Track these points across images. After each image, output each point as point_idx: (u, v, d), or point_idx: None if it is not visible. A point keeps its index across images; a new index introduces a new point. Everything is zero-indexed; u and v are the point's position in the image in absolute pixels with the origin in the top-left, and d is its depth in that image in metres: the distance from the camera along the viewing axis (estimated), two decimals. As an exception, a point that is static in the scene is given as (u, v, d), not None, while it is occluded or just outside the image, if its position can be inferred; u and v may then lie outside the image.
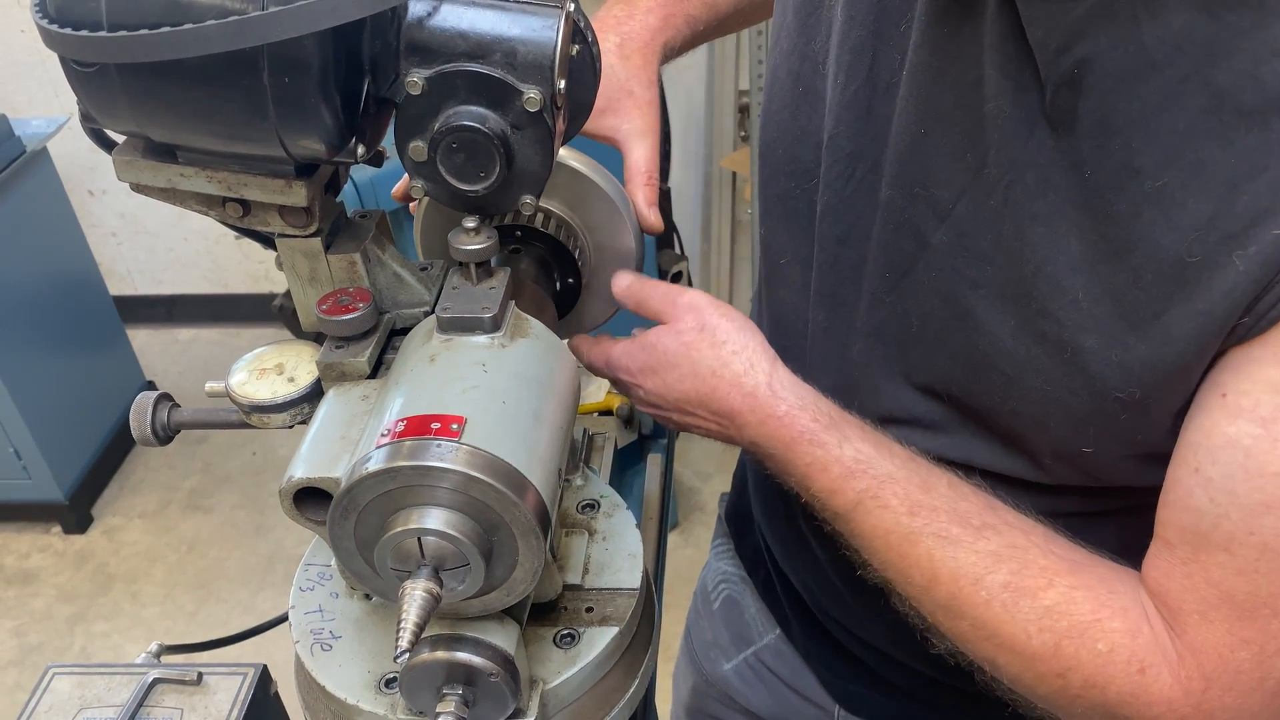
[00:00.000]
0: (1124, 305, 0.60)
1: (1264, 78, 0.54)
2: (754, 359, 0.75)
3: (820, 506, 0.75)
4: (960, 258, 0.69)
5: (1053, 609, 0.65)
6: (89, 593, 2.72)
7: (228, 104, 0.56)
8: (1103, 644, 0.63)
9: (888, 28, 0.72)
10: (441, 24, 0.60)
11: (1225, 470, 0.58)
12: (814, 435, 0.73)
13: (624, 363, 0.80)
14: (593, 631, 0.69)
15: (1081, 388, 0.64)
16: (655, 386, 0.78)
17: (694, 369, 0.76)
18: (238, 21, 0.51)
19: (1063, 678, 0.65)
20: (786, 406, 0.74)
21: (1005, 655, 0.67)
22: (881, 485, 0.71)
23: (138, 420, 0.69)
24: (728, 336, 0.76)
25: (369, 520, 0.57)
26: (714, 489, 2.79)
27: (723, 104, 2.94)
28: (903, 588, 0.72)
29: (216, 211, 0.65)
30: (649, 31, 0.90)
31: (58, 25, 0.53)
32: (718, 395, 0.75)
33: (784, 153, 0.84)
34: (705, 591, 1.19)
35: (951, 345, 0.71)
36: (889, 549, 0.71)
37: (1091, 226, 0.61)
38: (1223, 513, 0.58)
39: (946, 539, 0.68)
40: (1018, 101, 0.63)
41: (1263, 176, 0.54)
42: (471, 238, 0.66)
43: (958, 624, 0.69)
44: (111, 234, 3.49)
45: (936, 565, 0.68)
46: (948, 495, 0.70)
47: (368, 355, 0.67)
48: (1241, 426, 0.57)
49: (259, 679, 0.84)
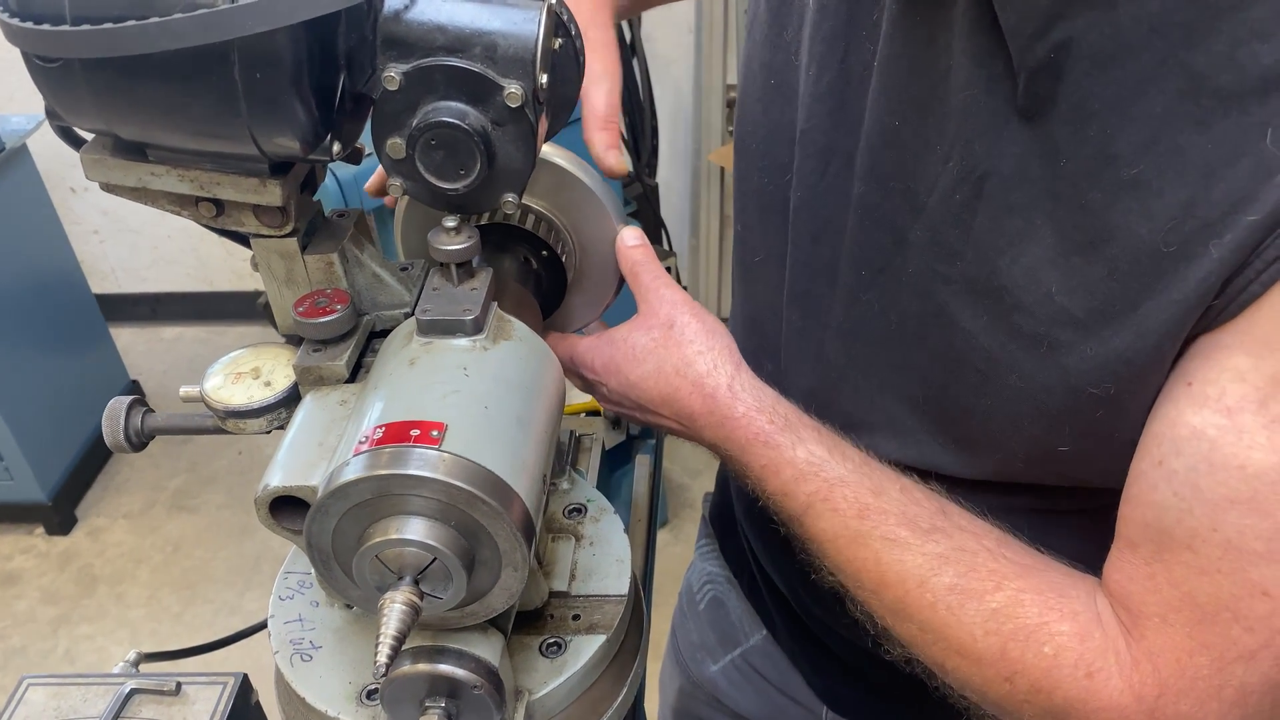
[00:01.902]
0: (1098, 298, 0.59)
1: (1242, 60, 0.52)
2: (718, 360, 0.76)
3: (775, 509, 0.75)
4: (933, 253, 0.68)
5: (999, 611, 0.64)
6: (73, 595, 2.69)
7: (197, 101, 0.54)
8: (1049, 647, 0.62)
9: (860, 17, 0.71)
10: (419, 17, 0.59)
11: (1189, 463, 0.55)
12: (768, 437, 0.73)
13: (588, 359, 0.79)
14: (580, 640, 0.67)
15: (1057, 384, 0.62)
16: (618, 385, 0.78)
17: (659, 368, 0.76)
18: (207, 15, 0.49)
19: (1010, 681, 0.64)
20: (744, 408, 0.74)
21: (953, 659, 0.66)
22: (832, 488, 0.70)
23: (110, 427, 0.68)
24: (695, 336, 0.76)
25: (347, 530, 0.56)
26: (703, 486, 2.78)
27: (711, 98, 2.93)
28: (854, 591, 0.72)
29: (189, 211, 0.63)
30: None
31: (18, 19, 0.51)
32: (679, 396, 0.75)
33: (758, 147, 0.83)
34: (691, 592, 1.18)
35: (928, 343, 0.70)
36: (838, 552, 0.70)
37: (1066, 217, 0.59)
38: (1186, 508, 0.56)
39: (894, 541, 0.68)
40: (990, 91, 0.62)
41: (1240, 163, 0.53)
42: (452, 237, 0.64)
43: (906, 627, 0.69)
44: (94, 231, 3.45)
45: (884, 568, 0.68)
46: (898, 499, 0.69)
47: (346, 359, 0.65)
48: (1206, 416, 0.55)
49: (239, 688, 0.82)
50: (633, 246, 0.82)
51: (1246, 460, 0.53)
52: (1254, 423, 0.53)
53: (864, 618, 0.73)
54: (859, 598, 0.72)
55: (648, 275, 0.80)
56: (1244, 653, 0.56)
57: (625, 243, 0.82)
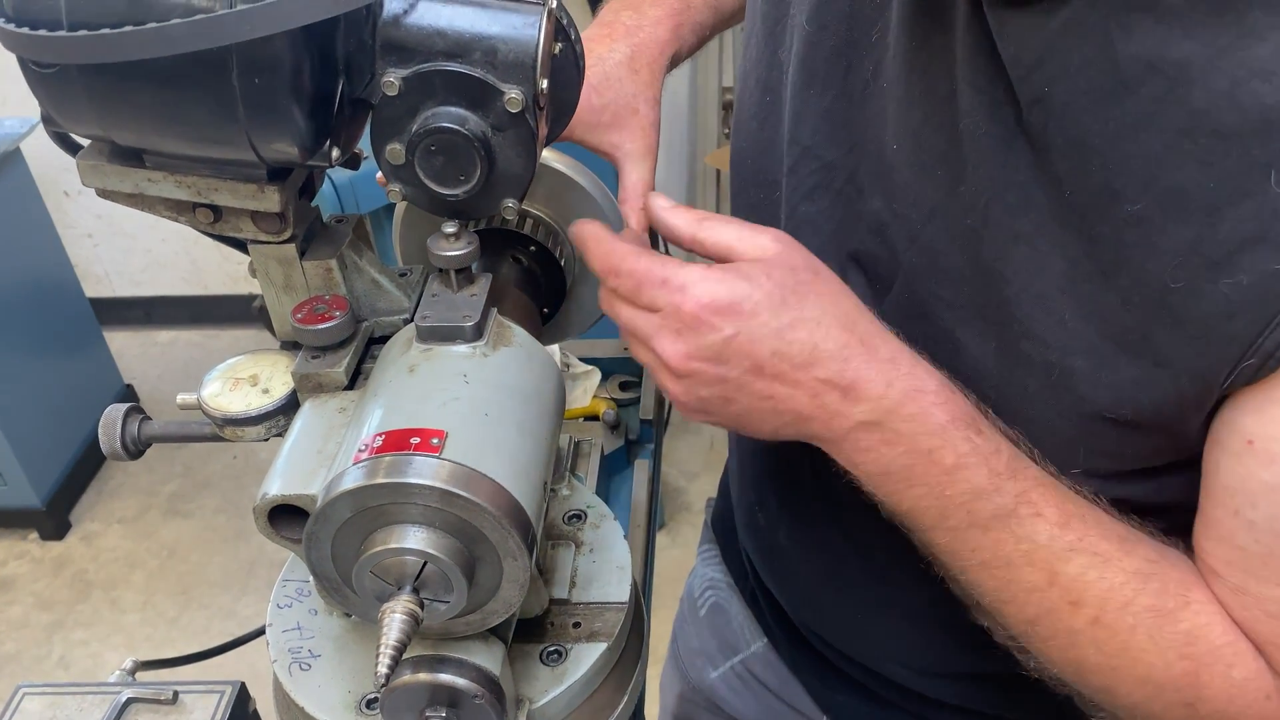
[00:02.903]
0: (1113, 326, 0.58)
1: (1242, 100, 0.52)
2: (878, 322, 0.62)
3: (951, 514, 0.62)
4: (933, 278, 0.67)
5: (1192, 633, 0.61)
6: (67, 600, 2.68)
7: (195, 106, 0.53)
8: (1237, 671, 0.60)
9: (860, 36, 0.70)
10: (419, 22, 0.58)
11: (1269, 513, 0.57)
12: (973, 419, 0.61)
13: (700, 291, 0.59)
14: (580, 648, 0.67)
15: (1070, 409, 0.62)
16: (753, 329, 0.59)
17: (820, 315, 0.59)
18: (205, 20, 0.49)
19: (1191, 706, 0.61)
20: (936, 383, 0.61)
21: (1134, 686, 0.62)
22: (1032, 488, 0.61)
23: (107, 435, 0.67)
24: (844, 289, 0.62)
25: (346, 539, 0.55)
26: (700, 489, 2.77)
27: (707, 101, 2.93)
28: (1017, 609, 0.63)
29: (186, 217, 0.63)
30: (659, 45, 0.86)
31: (14, 24, 0.50)
32: (847, 354, 0.59)
33: (753, 163, 0.82)
34: (692, 597, 1.17)
35: (933, 366, 0.69)
36: (1031, 566, 0.61)
37: (1076, 246, 0.59)
38: (1270, 552, 0.58)
39: (1100, 556, 0.61)
40: (994, 117, 0.61)
41: (1245, 202, 0.52)
42: (451, 243, 0.64)
43: (1084, 653, 0.63)
44: (88, 235, 3.44)
45: (1085, 586, 0.61)
46: (1089, 502, 0.63)
47: (345, 365, 0.64)
48: (1277, 472, 0.56)
49: (236, 696, 0.82)
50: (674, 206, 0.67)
51: None
52: None
53: (1006, 640, 0.67)
54: (1015, 616, 0.64)
55: (733, 223, 0.63)
56: None
57: (660, 204, 0.67)
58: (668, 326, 0.60)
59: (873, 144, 0.70)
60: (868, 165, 0.70)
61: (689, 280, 0.59)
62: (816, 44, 0.73)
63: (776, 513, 0.90)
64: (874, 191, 0.70)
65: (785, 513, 0.91)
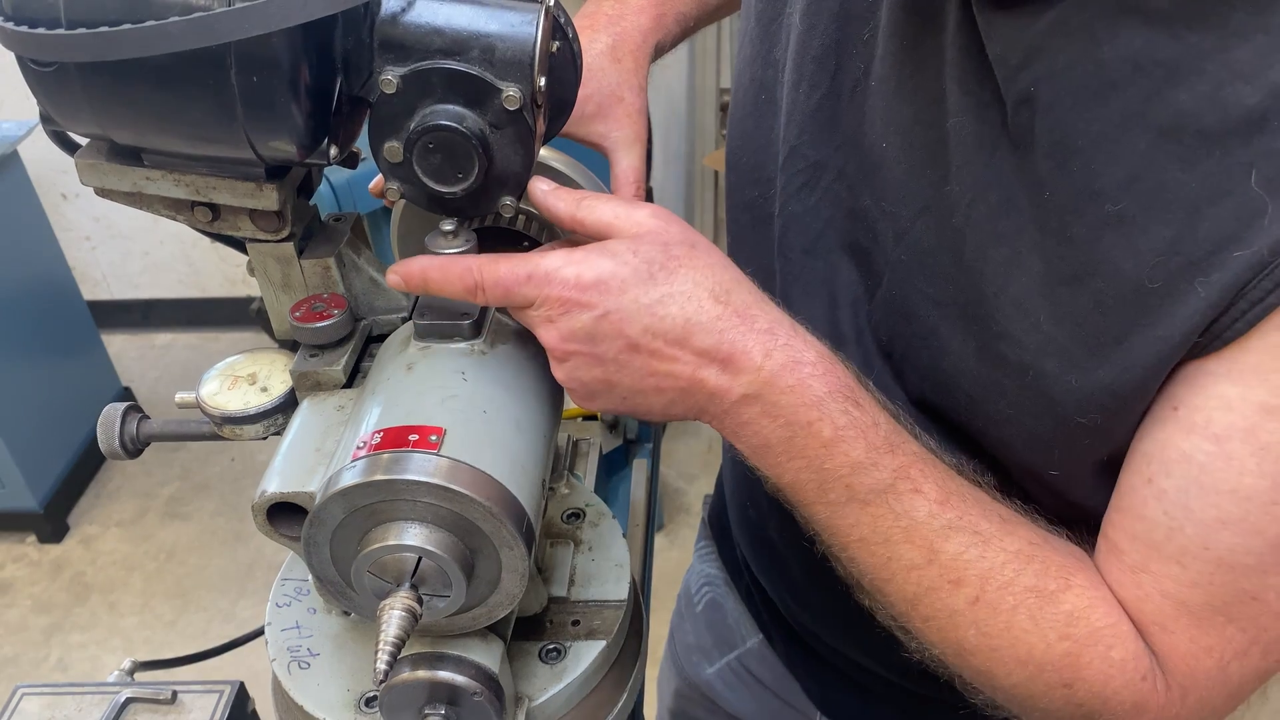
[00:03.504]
0: (1085, 329, 0.58)
1: (1225, 101, 0.52)
2: (760, 294, 0.61)
3: (830, 488, 0.61)
4: (920, 276, 0.67)
5: (1073, 614, 0.60)
6: (65, 603, 2.67)
7: (193, 105, 0.53)
8: (1116, 651, 0.60)
9: (850, 36, 0.70)
10: (416, 20, 0.58)
11: (1179, 484, 0.57)
12: (852, 392, 0.60)
13: (569, 273, 0.58)
14: (579, 645, 0.67)
15: (1044, 412, 0.62)
16: (620, 308, 0.58)
17: (692, 288, 0.58)
18: (203, 18, 0.49)
19: (1069, 687, 0.61)
20: (815, 355, 0.60)
21: (1012, 667, 0.62)
22: (912, 464, 0.61)
23: (105, 433, 0.67)
24: (724, 260, 0.61)
25: (345, 536, 0.55)
26: (699, 490, 2.77)
27: (704, 102, 2.93)
28: (897, 588, 0.63)
29: (185, 216, 0.63)
30: (641, 33, 0.87)
31: (13, 23, 0.50)
32: (721, 327, 0.58)
33: (748, 160, 0.83)
34: (689, 594, 1.17)
35: (918, 363, 0.69)
36: (910, 543, 0.61)
37: (1053, 249, 0.59)
38: (1176, 526, 0.57)
39: (980, 535, 0.60)
40: (981, 118, 0.62)
41: (1225, 201, 0.53)
42: (449, 241, 0.64)
43: (963, 634, 0.62)
44: (85, 238, 3.44)
45: (965, 565, 0.60)
46: (969, 483, 0.63)
47: (343, 364, 0.64)
48: (1195, 442, 0.56)
49: (235, 696, 0.82)
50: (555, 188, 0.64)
51: (1237, 485, 0.55)
52: (1243, 450, 0.54)
53: (888, 620, 0.66)
54: (898, 596, 0.64)
55: (612, 201, 0.62)
56: (1238, 651, 0.59)
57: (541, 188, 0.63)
58: (541, 315, 0.59)
59: (862, 142, 0.70)
60: (857, 163, 0.71)
61: (551, 267, 0.58)
62: (806, 43, 0.73)
63: (767, 510, 0.91)
64: (863, 189, 0.71)
65: (775, 510, 0.91)
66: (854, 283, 0.74)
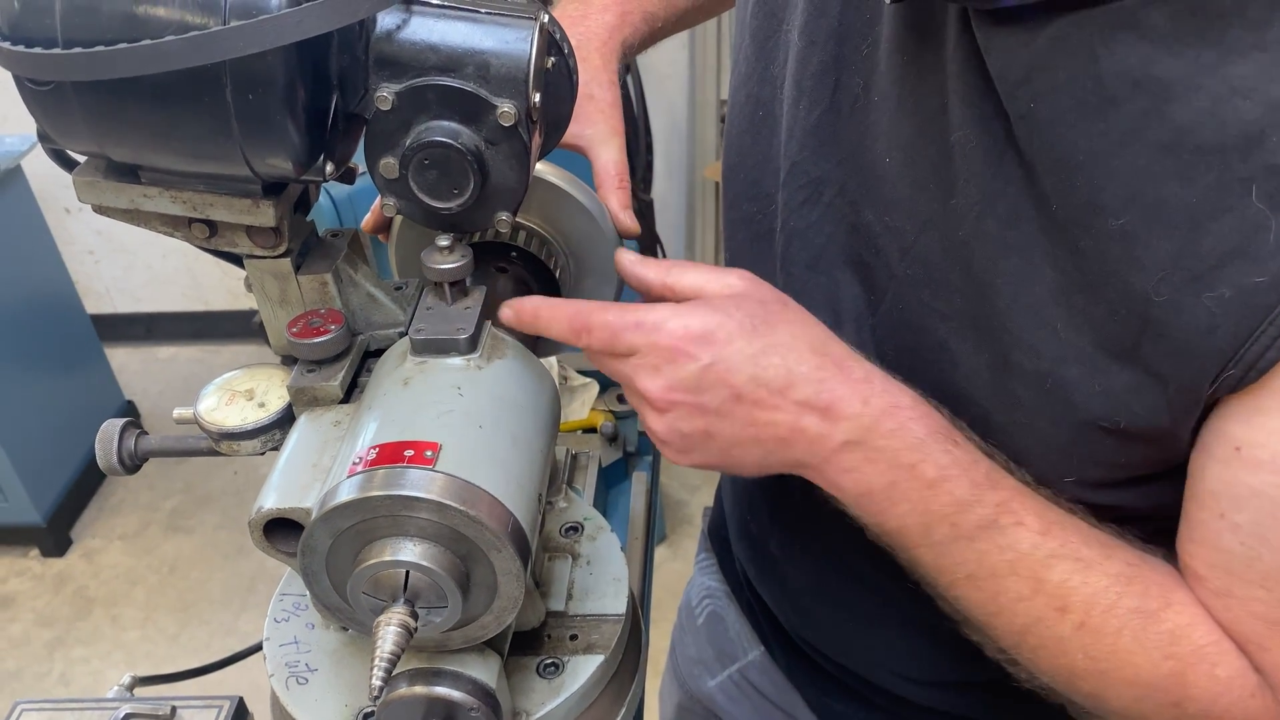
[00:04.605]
0: (1104, 335, 0.59)
1: (1224, 116, 0.52)
2: (848, 346, 0.63)
3: (935, 528, 0.62)
4: (927, 289, 0.67)
5: (1175, 633, 0.61)
6: (68, 617, 2.67)
7: (190, 123, 0.54)
8: (1222, 669, 0.61)
9: (849, 52, 0.71)
10: (411, 37, 0.59)
11: (1253, 518, 0.57)
12: (950, 431, 0.61)
13: (674, 325, 0.60)
14: (577, 660, 0.67)
15: (1063, 417, 0.62)
16: (728, 357, 0.59)
17: (792, 341, 0.61)
18: (198, 37, 0.49)
19: (1178, 706, 0.62)
20: (910, 399, 0.62)
21: (1122, 689, 0.62)
22: (1013, 497, 0.62)
23: (103, 449, 0.67)
24: (812, 316, 0.64)
25: (341, 552, 0.55)
26: (701, 501, 2.77)
27: (705, 114, 2.93)
28: (1006, 620, 0.64)
29: (182, 232, 0.63)
30: (606, 30, 0.87)
31: (10, 42, 0.51)
32: (822, 376, 0.60)
33: (746, 176, 0.83)
34: (690, 606, 1.17)
35: (926, 377, 0.68)
36: (1016, 575, 0.61)
37: (1064, 259, 0.59)
38: (1255, 555, 0.58)
39: (1082, 561, 0.61)
40: (985, 131, 0.62)
41: (1226, 216, 0.53)
42: (445, 256, 0.64)
43: (1071, 659, 0.63)
44: (89, 251, 3.45)
45: (1069, 592, 0.61)
46: (1065, 508, 0.64)
47: (340, 379, 0.65)
48: (1264, 478, 0.56)
49: (234, 711, 0.82)
50: (641, 258, 0.69)
51: None
52: None
53: (996, 654, 0.67)
54: (1005, 628, 0.64)
55: (700, 267, 0.65)
56: None
57: (629, 258, 0.69)
58: (645, 364, 0.61)
59: (864, 158, 0.70)
60: (859, 179, 0.71)
61: (660, 318, 0.61)
62: (805, 60, 0.73)
63: (768, 523, 0.90)
64: (865, 204, 0.71)
65: (776, 524, 0.91)
66: (857, 297, 0.74)
